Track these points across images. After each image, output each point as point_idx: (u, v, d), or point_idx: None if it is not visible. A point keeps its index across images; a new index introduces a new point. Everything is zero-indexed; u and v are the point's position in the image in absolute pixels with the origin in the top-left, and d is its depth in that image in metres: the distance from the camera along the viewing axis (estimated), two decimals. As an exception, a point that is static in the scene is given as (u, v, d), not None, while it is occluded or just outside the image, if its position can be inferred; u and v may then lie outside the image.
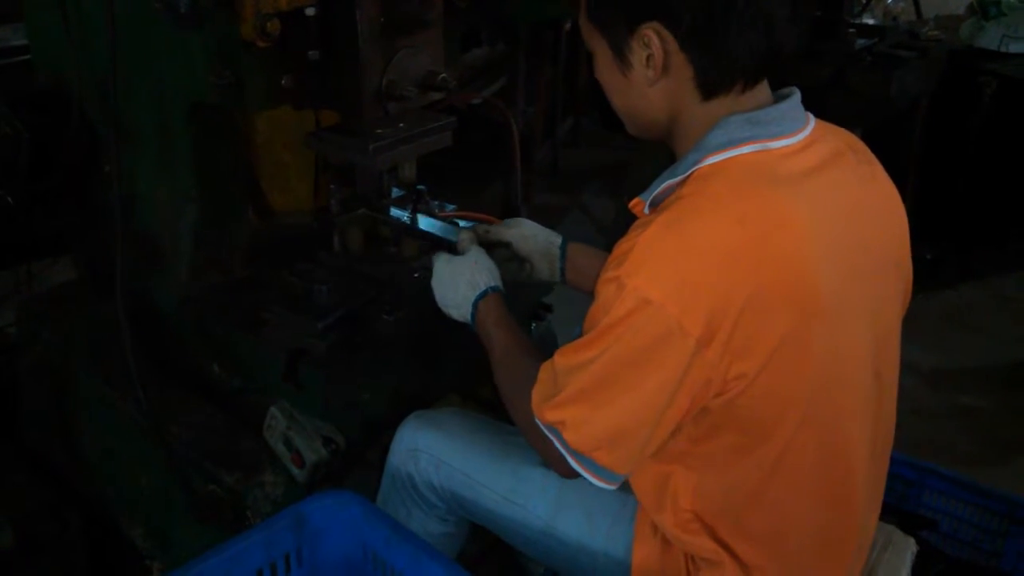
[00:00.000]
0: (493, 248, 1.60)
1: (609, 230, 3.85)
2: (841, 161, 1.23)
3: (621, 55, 1.20)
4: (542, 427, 1.19)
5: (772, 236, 1.11)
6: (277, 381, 1.60)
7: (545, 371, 1.21)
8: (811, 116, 1.24)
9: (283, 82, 1.54)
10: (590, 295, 1.57)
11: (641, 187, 1.25)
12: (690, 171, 1.17)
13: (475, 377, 1.81)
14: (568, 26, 4.30)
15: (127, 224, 1.66)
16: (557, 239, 1.62)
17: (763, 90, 1.22)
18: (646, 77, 1.19)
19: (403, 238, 1.77)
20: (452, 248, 1.60)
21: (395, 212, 1.81)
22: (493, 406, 1.72)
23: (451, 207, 1.93)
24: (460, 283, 1.47)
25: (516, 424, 1.33)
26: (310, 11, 1.50)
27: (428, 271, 1.57)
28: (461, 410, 1.58)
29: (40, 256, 2.30)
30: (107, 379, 1.81)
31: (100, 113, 1.77)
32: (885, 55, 3.01)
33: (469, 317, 1.46)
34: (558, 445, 1.17)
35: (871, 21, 3.35)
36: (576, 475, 1.18)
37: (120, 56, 1.59)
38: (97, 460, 1.92)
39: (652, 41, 1.16)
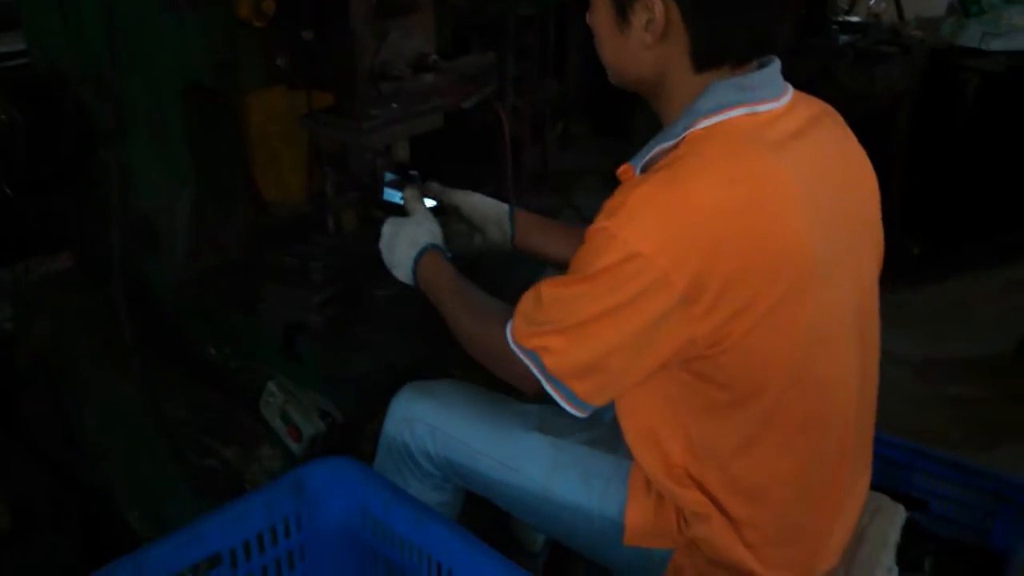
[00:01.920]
0: (445, 214, 1.67)
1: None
2: (819, 124, 1.27)
3: (622, 13, 1.22)
4: (519, 351, 1.22)
5: (763, 197, 1.14)
6: (274, 357, 1.63)
7: (528, 301, 1.24)
8: (788, 84, 1.28)
9: (277, 62, 1.57)
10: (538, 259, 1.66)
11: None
12: (682, 135, 1.20)
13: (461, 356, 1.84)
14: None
15: (124, 209, 1.69)
16: (505, 207, 1.68)
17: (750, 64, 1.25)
18: (642, 40, 1.21)
19: (397, 219, 1.79)
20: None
21: (388, 194, 1.84)
22: (489, 383, 1.74)
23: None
24: (402, 242, 1.53)
25: (475, 355, 1.38)
26: (305, -9, 1.53)
27: None
28: (455, 380, 1.59)
29: (37, 252, 2.32)
30: (104, 360, 1.82)
31: (95, 100, 1.80)
32: (868, 51, 3.07)
33: (410, 273, 1.51)
34: (534, 369, 1.20)
35: (854, 19, 3.40)
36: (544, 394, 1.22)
37: (115, 41, 1.62)
38: (94, 443, 1.94)
39: (656, 7, 1.18)
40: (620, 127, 4.33)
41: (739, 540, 1.26)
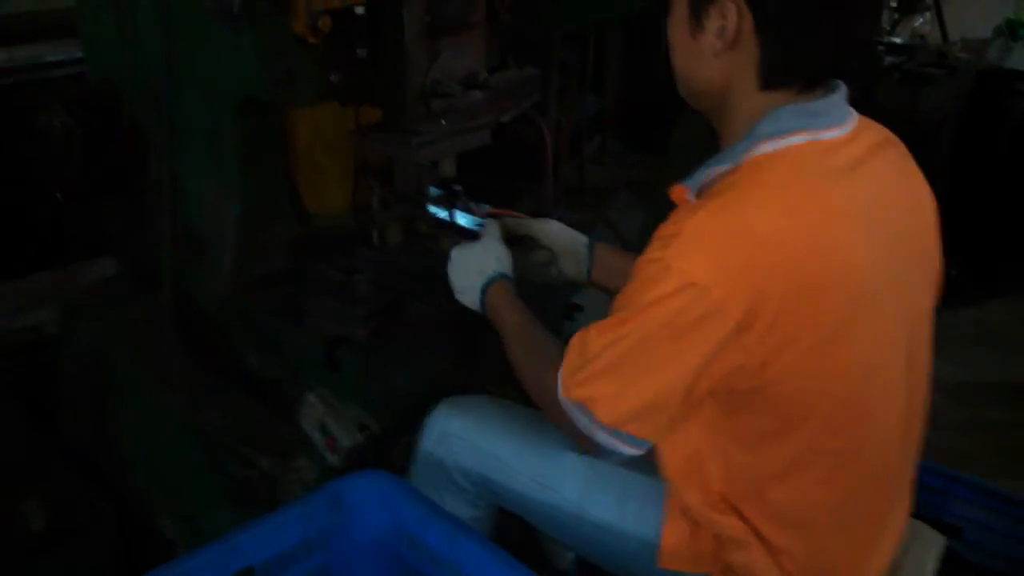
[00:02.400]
0: (521, 242, 1.65)
1: (635, 245, 3.88)
2: (882, 153, 1.26)
3: (696, 16, 1.20)
4: (568, 405, 1.20)
5: (821, 228, 1.13)
6: (315, 368, 1.65)
7: (574, 347, 1.21)
8: (853, 110, 1.26)
9: (331, 78, 1.60)
10: (615, 294, 1.61)
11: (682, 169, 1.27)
12: (741, 159, 1.19)
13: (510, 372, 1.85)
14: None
15: (172, 219, 1.73)
16: (584, 238, 1.66)
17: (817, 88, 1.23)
18: (713, 46, 1.20)
19: (441, 233, 1.82)
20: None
21: (433, 210, 1.86)
22: (526, 400, 1.75)
23: (486, 206, 1.98)
24: (470, 269, 1.52)
25: (534, 399, 1.35)
26: (359, 9, 1.56)
27: None
28: (492, 396, 1.60)
29: (81, 256, 2.36)
30: (145, 367, 1.86)
31: (149, 110, 1.84)
32: (914, 72, 3.04)
33: (477, 302, 1.50)
34: (585, 423, 1.18)
35: (899, 40, 3.38)
36: (599, 451, 1.20)
37: (171, 54, 1.66)
38: (131, 449, 1.97)
39: (730, 13, 1.16)
40: (656, 143, 4.34)
41: (777, 568, 1.26)
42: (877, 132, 1.29)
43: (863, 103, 3.09)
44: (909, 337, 1.26)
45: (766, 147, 1.18)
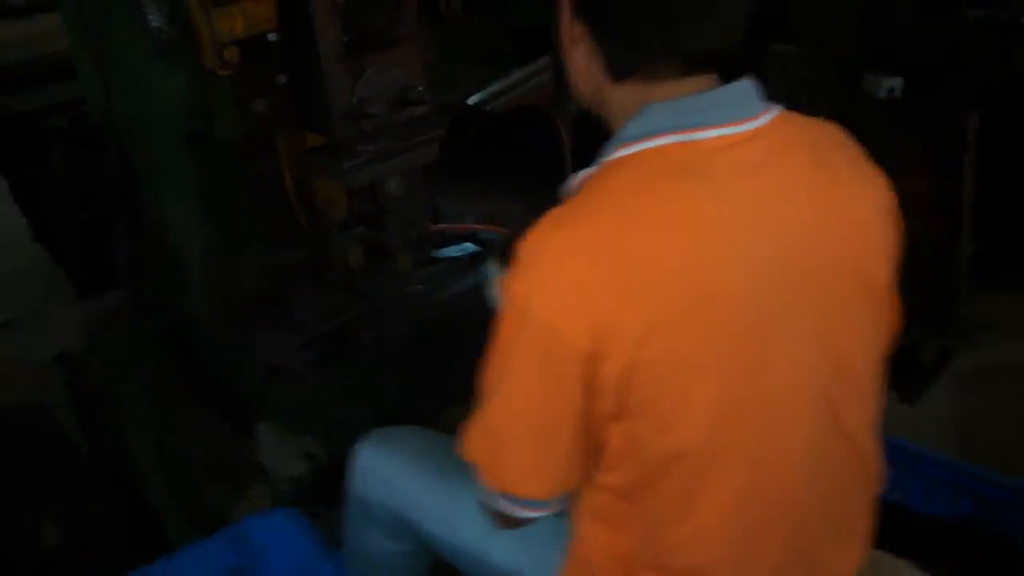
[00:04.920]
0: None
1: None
2: (790, 160, 1.07)
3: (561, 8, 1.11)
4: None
5: (676, 240, 0.98)
6: (262, 397, 1.65)
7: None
8: (774, 107, 1.08)
9: (256, 106, 1.59)
10: None
11: None
12: (601, 163, 1.06)
13: (456, 398, 1.79)
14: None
15: (161, 247, 1.78)
16: None
17: (702, 81, 1.06)
18: (568, 35, 1.09)
19: (399, 252, 1.77)
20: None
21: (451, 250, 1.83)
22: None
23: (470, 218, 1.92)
24: None
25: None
26: (272, 36, 1.53)
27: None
28: (419, 428, 1.54)
29: (93, 289, 2.47)
30: (141, 391, 1.92)
31: (134, 146, 1.89)
32: (1005, 25, 2.67)
33: None
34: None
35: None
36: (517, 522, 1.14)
37: (129, 91, 1.70)
38: (137, 468, 2.05)
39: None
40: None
41: None
42: (798, 134, 1.10)
43: (947, 66, 2.72)
44: (827, 376, 1.07)
45: (624, 151, 1.04)
